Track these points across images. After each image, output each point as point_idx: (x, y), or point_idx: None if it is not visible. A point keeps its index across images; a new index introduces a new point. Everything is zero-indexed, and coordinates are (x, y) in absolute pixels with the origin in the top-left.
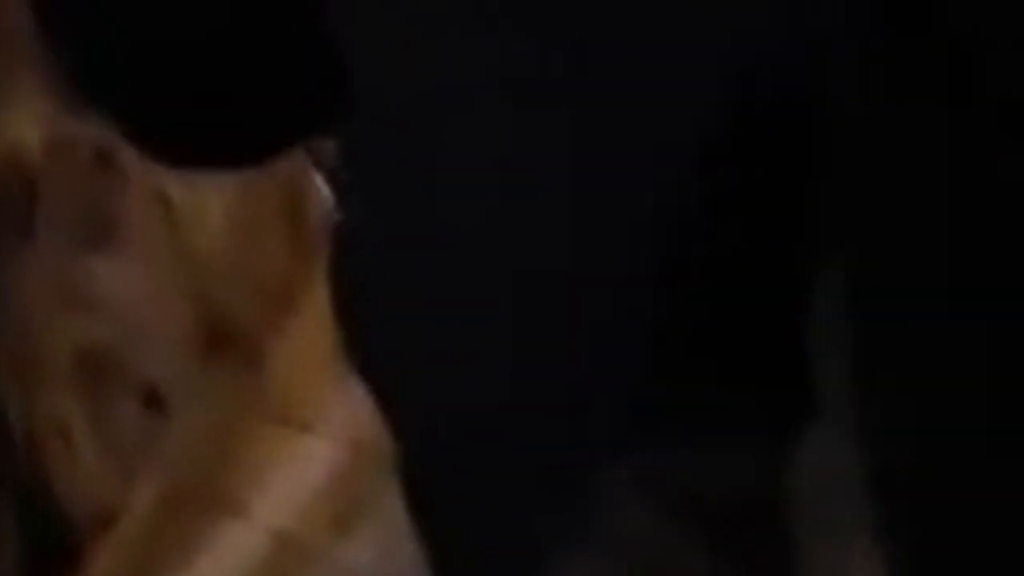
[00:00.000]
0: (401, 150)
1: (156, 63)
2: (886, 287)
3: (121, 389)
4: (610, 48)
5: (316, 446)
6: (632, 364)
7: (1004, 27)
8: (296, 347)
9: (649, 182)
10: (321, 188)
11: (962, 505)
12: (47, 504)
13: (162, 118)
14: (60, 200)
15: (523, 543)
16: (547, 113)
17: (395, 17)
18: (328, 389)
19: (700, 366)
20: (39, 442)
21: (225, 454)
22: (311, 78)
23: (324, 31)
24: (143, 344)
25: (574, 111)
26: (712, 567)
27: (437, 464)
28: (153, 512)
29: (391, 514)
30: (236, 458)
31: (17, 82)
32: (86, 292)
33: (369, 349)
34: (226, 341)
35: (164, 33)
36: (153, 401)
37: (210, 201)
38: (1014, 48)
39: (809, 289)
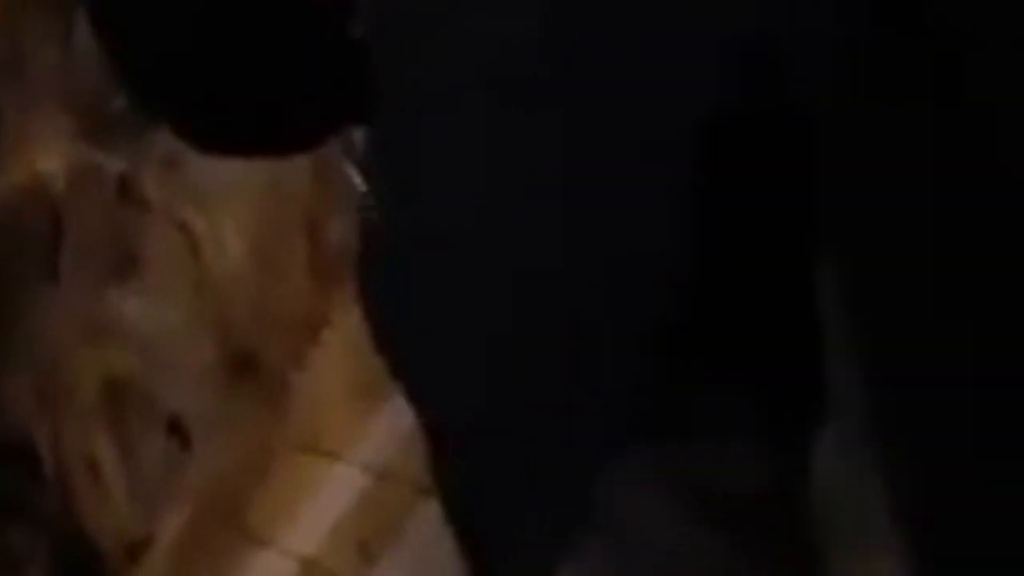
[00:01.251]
0: (398, 146)
1: (201, 58)
2: (877, 284)
3: (147, 421)
4: (603, 48)
5: (342, 474)
6: (638, 360)
7: (987, 26)
8: (320, 376)
9: (646, 179)
10: (352, 178)
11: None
12: (76, 536)
13: (207, 106)
14: (84, 232)
15: (542, 530)
16: (539, 113)
17: (392, 15)
18: (353, 417)
19: (708, 362)
20: (68, 474)
21: (251, 484)
22: (342, 71)
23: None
24: (168, 375)
25: (566, 111)
26: (729, 563)
27: (455, 453)
28: (180, 542)
29: (417, 541)
30: (262, 487)
31: (40, 114)
32: (111, 324)
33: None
34: (250, 371)
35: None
36: (178, 432)
37: (231, 233)
38: (997, 47)
39: (811, 283)
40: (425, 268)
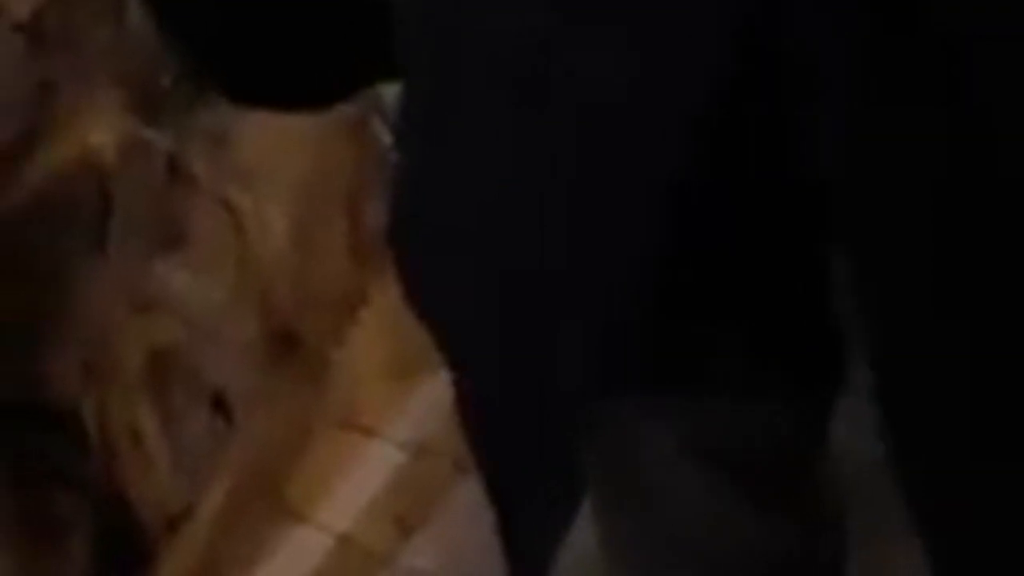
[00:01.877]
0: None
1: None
2: (887, 278)
3: (190, 394)
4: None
5: (379, 451)
6: (652, 324)
7: (991, 25)
8: (359, 355)
9: (655, 153)
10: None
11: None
12: (119, 505)
13: (242, 58)
14: (132, 206)
15: (553, 485)
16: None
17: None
18: (391, 395)
19: (719, 320)
20: (112, 445)
21: (290, 459)
22: (368, 29)
23: None
24: (212, 350)
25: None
26: (744, 523)
27: (477, 396)
28: (220, 515)
29: (454, 518)
30: (301, 463)
31: (92, 89)
32: (157, 297)
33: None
34: (290, 348)
35: None
36: (221, 406)
37: (274, 211)
38: (1002, 46)
39: (822, 248)
40: (441, 219)
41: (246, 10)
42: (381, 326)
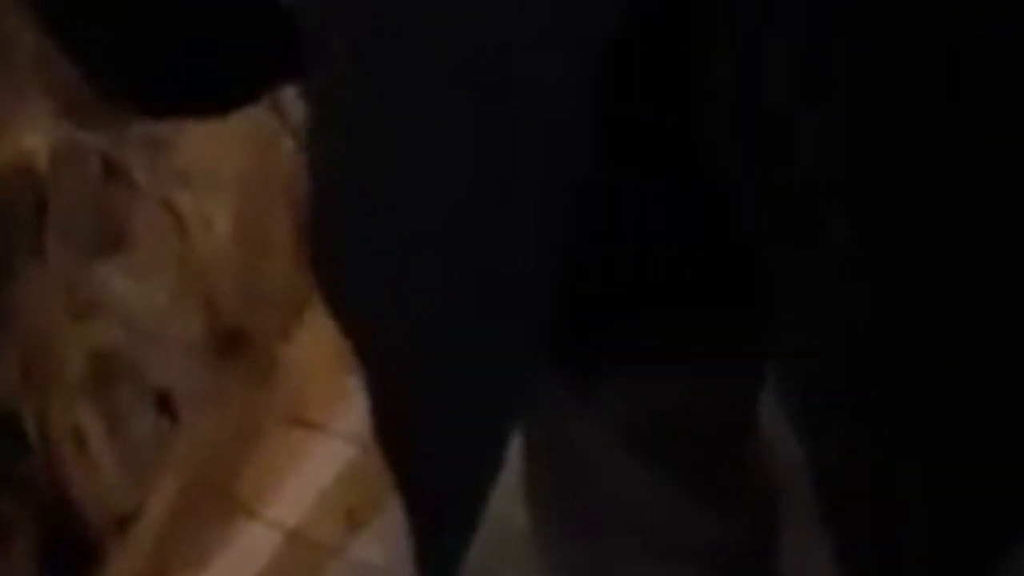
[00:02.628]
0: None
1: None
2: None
3: (134, 395)
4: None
5: (328, 446)
6: (576, 307)
7: (991, 25)
8: (306, 351)
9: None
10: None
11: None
12: (64, 507)
13: (140, 68)
14: (69, 209)
15: (468, 466)
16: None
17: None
18: (339, 390)
19: (642, 293)
20: (55, 448)
21: (238, 456)
22: (271, 35)
23: None
24: (155, 350)
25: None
26: (669, 497)
27: (397, 383)
28: (168, 514)
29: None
30: (249, 460)
31: (24, 93)
32: (97, 300)
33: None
34: (237, 346)
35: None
36: (166, 406)
37: (216, 210)
38: (1003, 46)
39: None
40: (355, 207)
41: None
42: (327, 322)
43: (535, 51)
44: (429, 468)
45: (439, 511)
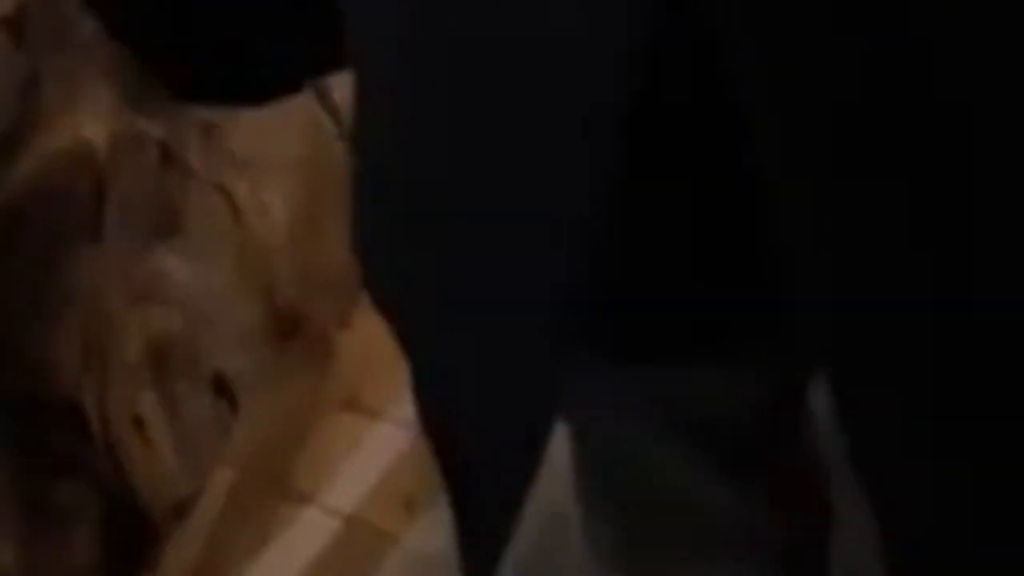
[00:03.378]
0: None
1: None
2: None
3: (192, 380)
4: None
5: (385, 432)
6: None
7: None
8: (363, 337)
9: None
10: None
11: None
12: (125, 493)
13: (188, 58)
14: (127, 195)
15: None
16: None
17: None
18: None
19: (675, 284)
20: (115, 433)
21: (295, 442)
22: (315, 24)
23: None
24: (213, 335)
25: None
26: (722, 491)
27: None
28: (226, 500)
29: None
30: (306, 446)
31: (83, 80)
32: (155, 285)
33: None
34: (294, 332)
35: None
36: (223, 391)
37: (272, 197)
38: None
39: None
40: (394, 201)
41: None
42: None
43: (570, 51)
44: (470, 458)
45: (482, 502)
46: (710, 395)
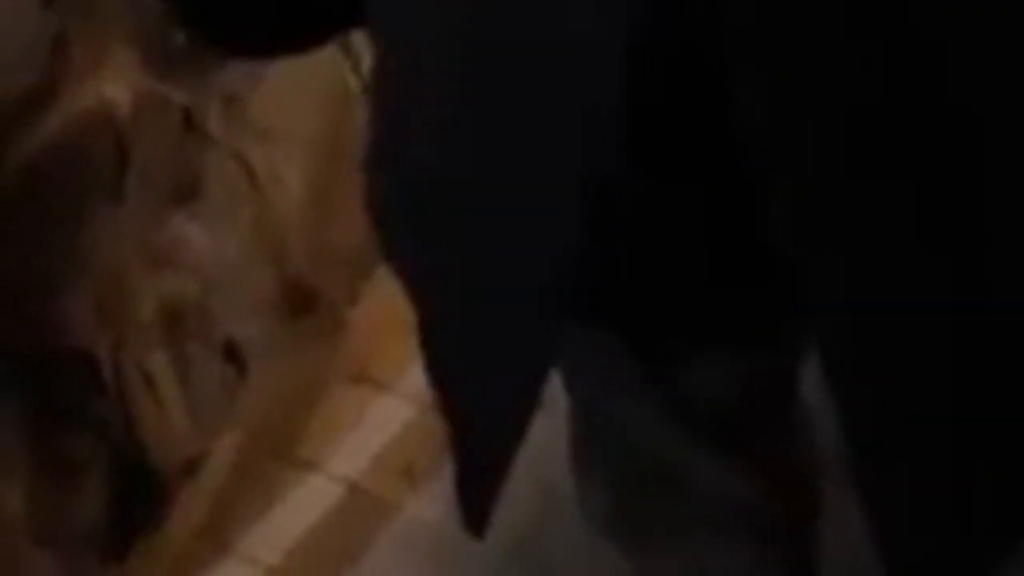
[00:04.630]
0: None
1: None
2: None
3: (204, 344)
4: None
5: (390, 404)
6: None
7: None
8: (373, 311)
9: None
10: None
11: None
12: (134, 446)
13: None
14: (148, 158)
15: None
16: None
17: None
18: (403, 351)
19: (672, 268)
20: (126, 387)
21: (302, 410)
22: None
23: None
24: (226, 301)
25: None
26: (703, 465)
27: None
28: (232, 462)
29: None
30: (313, 414)
31: (110, 43)
32: (172, 248)
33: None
34: (306, 303)
35: None
36: (234, 357)
37: (289, 169)
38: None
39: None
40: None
41: None
42: (394, 285)
43: (570, 50)
44: (469, 409)
45: (475, 454)
46: (707, 376)
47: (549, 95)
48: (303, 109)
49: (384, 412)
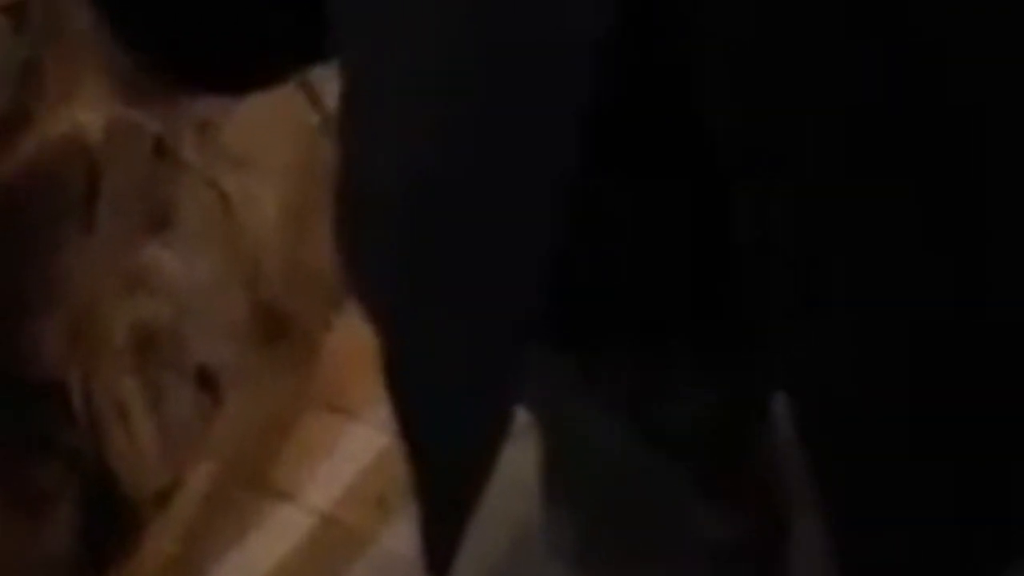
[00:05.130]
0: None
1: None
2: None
3: (176, 371)
4: None
5: (363, 433)
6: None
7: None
8: (346, 340)
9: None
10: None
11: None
12: (105, 476)
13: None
14: (120, 184)
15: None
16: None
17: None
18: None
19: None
20: (98, 417)
21: (276, 438)
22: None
23: None
24: (198, 328)
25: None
26: (673, 488)
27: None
28: (205, 491)
29: None
30: (286, 443)
31: (79, 71)
32: (144, 275)
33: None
34: (280, 330)
35: None
36: (208, 384)
37: (263, 196)
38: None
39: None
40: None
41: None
42: None
43: (535, 50)
44: (432, 442)
45: (439, 494)
46: (678, 404)
47: (521, 97)
48: (277, 135)
49: (357, 441)
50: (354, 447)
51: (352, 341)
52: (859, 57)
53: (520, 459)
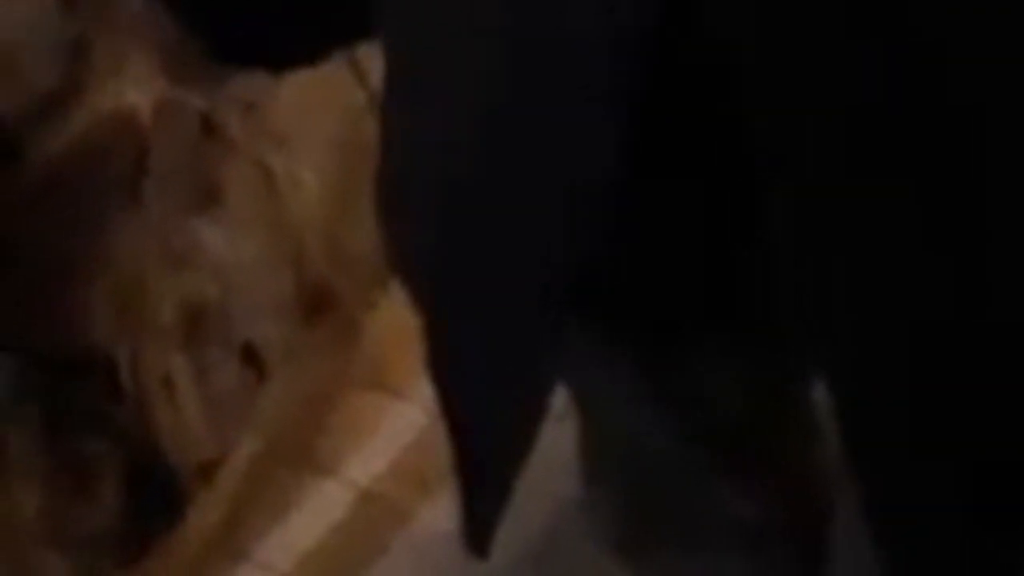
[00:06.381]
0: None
1: None
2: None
3: (222, 347)
4: None
5: (406, 411)
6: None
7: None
8: (389, 318)
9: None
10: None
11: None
12: (151, 451)
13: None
14: (167, 163)
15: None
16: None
17: None
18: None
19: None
20: (144, 392)
21: (319, 416)
22: None
23: None
24: (244, 305)
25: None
26: (707, 475)
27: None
28: (248, 466)
29: None
30: (329, 420)
31: (128, 50)
32: (190, 252)
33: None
34: (324, 308)
35: None
36: (252, 360)
37: (307, 174)
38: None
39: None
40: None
41: None
42: None
43: (572, 48)
44: (470, 425)
45: (479, 471)
46: (714, 384)
47: (553, 96)
48: (322, 114)
49: (399, 419)
50: (396, 425)
51: (395, 320)
52: (859, 57)
53: (559, 439)
